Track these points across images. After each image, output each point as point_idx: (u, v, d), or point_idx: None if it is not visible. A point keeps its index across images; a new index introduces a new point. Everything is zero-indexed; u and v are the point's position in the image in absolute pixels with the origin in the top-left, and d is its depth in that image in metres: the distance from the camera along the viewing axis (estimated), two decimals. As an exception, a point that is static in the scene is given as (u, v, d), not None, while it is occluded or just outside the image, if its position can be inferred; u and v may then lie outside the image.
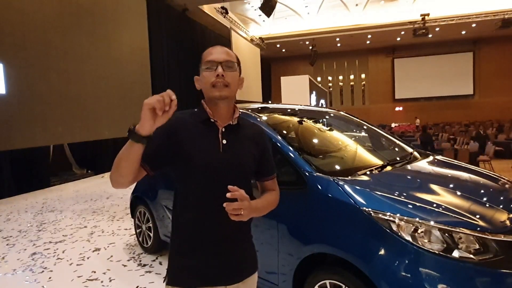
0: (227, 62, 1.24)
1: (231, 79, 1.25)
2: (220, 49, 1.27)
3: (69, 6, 7.74)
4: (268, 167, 1.40)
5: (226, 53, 1.26)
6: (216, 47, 1.28)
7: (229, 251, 1.27)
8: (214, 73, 1.22)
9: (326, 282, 1.99)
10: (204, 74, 1.25)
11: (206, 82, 1.24)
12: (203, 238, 1.24)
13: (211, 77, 1.23)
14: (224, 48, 1.29)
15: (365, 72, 24.96)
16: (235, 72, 1.27)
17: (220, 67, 1.22)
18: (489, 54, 22.24)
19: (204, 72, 1.25)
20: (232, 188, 1.13)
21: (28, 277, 3.35)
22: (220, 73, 1.22)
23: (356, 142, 3.02)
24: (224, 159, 1.24)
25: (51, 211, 5.87)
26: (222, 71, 1.22)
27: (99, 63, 8.60)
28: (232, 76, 1.25)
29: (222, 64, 1.23)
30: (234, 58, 1.29)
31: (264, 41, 19.24)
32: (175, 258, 1.30)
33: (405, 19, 16.90)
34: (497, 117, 20.91)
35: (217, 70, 1.22)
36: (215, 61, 1.23)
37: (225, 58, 1.24)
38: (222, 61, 1.23)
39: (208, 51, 1.28)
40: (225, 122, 1.29)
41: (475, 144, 9.32)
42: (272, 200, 1.39)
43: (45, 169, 8.38)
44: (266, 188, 1.42)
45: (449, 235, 1.72)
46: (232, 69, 1.25)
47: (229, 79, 1.24)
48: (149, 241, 3.75)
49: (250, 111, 2.72)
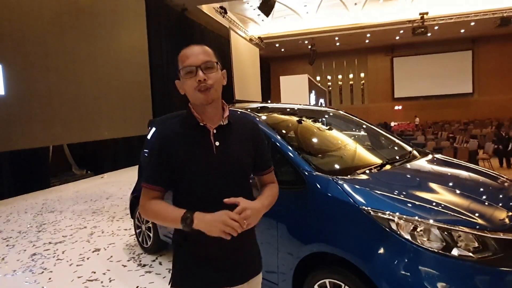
0: (206, 63, 1.19)
1: (214, 80, 1.21)
2: (195, 49, 1.21)
3: (68, 6, 7.73)
4: (264, 161, 1.37)
5: (203, 53, 1.21)
6: (191, 47, 1.23)
7: (233, 252, 1.26)
8: (196, 78, 1.18)
9: (325, 281, 1.99)
10: (185, 81, 1.21)
11: (189, 88, 1.21)
12: (206, 241, 1.21)
13: (193, 83, 1.19)
14: (200, 47, 1.23)
15: (364, 71, 24.96)
16: (216, 72, 1.22)
17: (200, 72, 1.18)
18: (488, 52, 22.25)
19: (184, 79, 1.21)
20: (228, 200, 1.15)
21: (28, 278, 3.35)
22: (201, 78, 1.17)
23: (355, 141, 3.02)
24: (220, 162, 1.22)
25: (51, 212, 5.87)
26: (203, 75, 1.18)
27: (98, 64, 8.60)
28: (214, 76, 1.21)
29: (201, 67, 1.18)
30: (212, 55, 1.23)
31: (263, 40, 19.24)
32: (179, 260, 1.29)
33: (404, 18, 16.90)
34: (496, 115, 20.90)
35: (198, 75, 1.18)
36: (193, 65, 1.18)
37: (203, 60, 1.19)
38: (200, 64, 1.18)
39: (184, 53, 1.22)
40: (215, 124, 1.25)
41: (474, 143, 9.32)
42: (275, 194, 1.37)
43: (45, 170, 8.37)
44: (264, 182, 1.40)
45: (448, 233, 1.72)
46: (213, 69, 1.21)
47: (211, 80, 1.20)
48: (149, 241, 3.75)
49: (249, 111, 2.73)
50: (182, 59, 1.22)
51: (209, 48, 1.25)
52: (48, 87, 7.23)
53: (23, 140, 6.81)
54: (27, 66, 6.78)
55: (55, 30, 7.36)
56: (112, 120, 9.16)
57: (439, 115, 22.80)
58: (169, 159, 1.22)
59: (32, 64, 6.88)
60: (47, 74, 7.20)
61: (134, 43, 10.11)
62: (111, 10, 9.25)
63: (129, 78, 9.74)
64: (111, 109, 9.08)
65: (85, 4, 8.24)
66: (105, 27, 8.91)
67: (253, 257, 1.36)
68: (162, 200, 1.26)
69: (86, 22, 8.19)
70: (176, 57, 1.27)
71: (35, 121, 6.98)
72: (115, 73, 9.18)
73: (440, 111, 23.10)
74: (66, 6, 7.70)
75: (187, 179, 1.22)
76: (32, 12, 6.88)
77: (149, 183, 1.25)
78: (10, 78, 6.48)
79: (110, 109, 9.06)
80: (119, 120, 9.39)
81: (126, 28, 9.78)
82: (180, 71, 1.22)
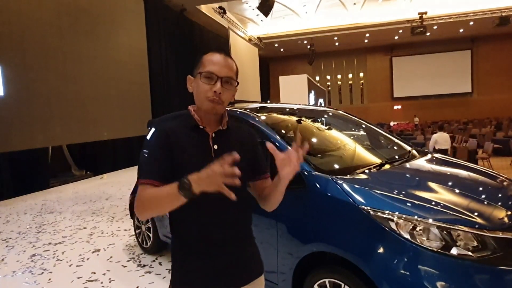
0: (227, 79, 1.21)
1: (227, 97, 1.22)
2: (223, 61, 1.22)
3: (67, 7, 7.73)
4: (261, 166, 1.37)
5: (228, 67, 1.22)
6: (219, 55, 1.23)
7: (232, 253, 1.25)
8: (212, 87, 1.18)
9: (325, 281, 1.99)
10: (200, 84, 1.20)
11: (201, 92, 1.21)
12: (204, 243, 1.21)
13: (207, 91, 1.19)
14: (228, 59, 1.24)
15: (363, 71, 24.99)
16: (232, 90, 1.24)
17: (219, 84, 1.18)
18: (487, 52, 22.29)
19: (201, 82, 1.20)
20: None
21: (27, 279, 3.35)
22: (218, 90, 1.18)
23: (355, 141, 3.02)
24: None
25: (50, 213, 5.87)
26: (221, 87, 1.18)
27: (98, 64, 8.60)
28: (229, 94, 1.22)
29: (222, 80, 1.19)
30: (234, 71, 1.25)
31: (262, 40, 19.24)
32: (178, 263, 1.27)
33: (403, 18, 16.93)
34: (496, 114, 20.96)
35: (216, 85, 1.18)
36: (216, 75, 1.19)
37: (226, 74, 1.20)
38: (223, 76, 1.19)
39: (211, 58, 1.22)
40: (214, 128, 1.26)
41: (474, 142, 9.33)
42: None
43: (44, 171, 8.36)
44: (261, 188, 1.37)
45: (448, 232, 1.72)
46: (231, 87, 1.22)
47: (224, 97, 1.21)
48: (149, 242, 3.75)
49: (248, 111, 2.73)
50: (206, 62, 1.21)
51: (234, 64, 1.27)
52: (47, 88, 7.23)
53: (22, 140, 6.81)
54: (26, 66, 6.78)
55: (54, 30, 7.36)
56: (111, 120, 9.17)
57: (438, 114, 22.84)
58: (168, 155, 1.20)
59: (31, 64, 6.87)
60: (47, 75, 7.20)
61: (133, 43, 10.12)
62: (110, 11, 9.26)
63: (128, 79, 9.74)
64: (110, 110, 9.08)
65: (84, 5, 8.24)
66: (104, 27, 8.91)
67: (254, 259, 1.34)
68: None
69: (85, 22, 8.20)
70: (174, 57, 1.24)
71: (35, 122, 6.98)
72: (114, 74, 9.18)
73: (439, 110, 23.14)
74: (65, 6, 7.70)
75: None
76: (32, 13, 6.88)
77: (146, 178, 1.19)
78: (9, 78, 6.48)
79: (109, 110, 9.06)
80: (118, 120, 9.39)
81: (125, 28, 9.78)
82: (199, 72, 1.21)
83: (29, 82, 6.84)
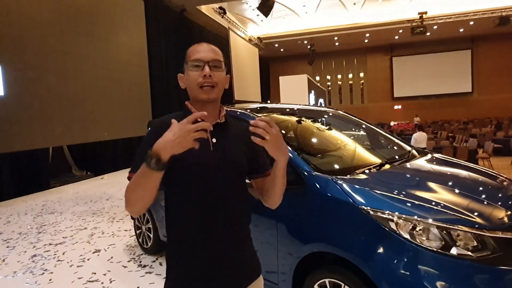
0: (214, 61, 1.21)
1: (218, 79, 1.21)
2: (206, 46, 1.23)
3: (67, 7, 7.73)
4: (262, 163, 1.34)
5: (213, 52, 1.23)
6: (202, 44, 1.24)
7: (230, 256, 1.21)
8: (201, 73, 1.19)
9: (325, 281, 2.00)
10: (190, 73, 1.21)
11: (192, 82, 1.21)
12: (201, 245, 1.17)
13: (197, 77, 1.19)
14: (211, 45, 1.25)
15: (363, 70, 24.97)
16: (222, 72, 1.23)
17: (207, 67, 1.19)
18: (487, 51, 22.27)
19: (190, 71, 1.21)
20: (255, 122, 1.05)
21: (28, 279, 3.36)
22: (207, 73, 1.18)
23: (355, 141, 3.02)
24: (216, 158, 1.20)
25: (51, 213, 5.87)
26: (209, 71, 1.19)
27: (98, 65, 8.60)
28: (219, 76, 1.22)
29: (209, 64, 1.19)
30: (221, 56, 1.25)
31: (262, 41, 19.23)
32: (174, 267, 1.23)
33: (403, 18, 16.91)
34: (496, 114, 20.93)
35: (204, 69, 1.18)
36: (202, 60, 1.19)
37: (212, 57, 1.21)
38: (209, 60, 1.20)
39: (194, 48, 1.23)
40: (212, 121, 1.23)
41: (474, 142, 9.33)
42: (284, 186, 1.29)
43: (45, 171, 8.36)
44: (262, 187, 1.35)
45: (447, 232, 1.73)
46: (220, 69, 1.22)
47: (216, 79, 1.20)
48: (149, 242, 3.75)
49: (248, 111, 2.73)
50: (191, 53, 1.23)
51: (219, 49, 1.27)
52: (47, 88, 7.23)
53: (22, 141, 6.81)
54: (26, 67, 6.78)
55: (54, 31, 7.37)
56: (111, 121, 9.17)
57: (438, 114, 22.82)
58: None
59: (31, 65, 6.88)
60: (47, 75, 7.20)
61: (133, 43, 10.12)
62: (110, 11, 9.26)
63: (128, 79, 9.74)
64: (110, 110, 9.08)
65: (84, 5, 8.25)
66: (104, 28, 8.91)
67: (251, 260, 1.31)
68: None
69: (85, 23, 8.20)
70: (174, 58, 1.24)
71: (35, 122, 6.98)
72: (114, 74, 9.18)
73: (439, 110, 23.11)
74: (65, 7, 7.71)
75: (182, 173, 1.18)
76: (32, 13, 6.88)
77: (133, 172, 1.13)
78: (9, 79, 6.48)
79: (110, 110, 9.07)
80: (118, 121, 9.40)
81: (125, 28, 9.78)
82: (186, 65, 1.23)
83: (29, 82, 6.84)
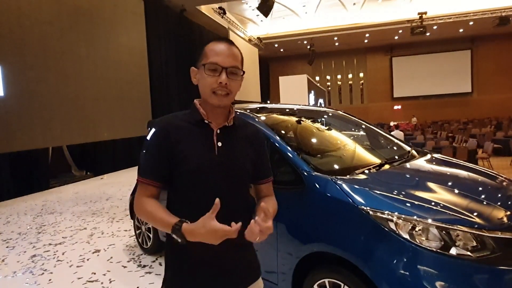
0: (233, 69, 1.15)
1: (234, 88, 1.16)
2: (227, 50, 1.15)
3: (66, 7, 7.73)
4: (264, 169, 1.32)
5: (233, 56, 1.16)
6: (222, 44, 1.17)
7: (230, 258, 1.20)
8: (217, 79, 1.13)
9: (325, 281, 2.00)
10: (205, 76, 1.15)
11: (206, 85, 1.15)
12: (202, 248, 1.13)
13: (213, 83, 1.14)
14: (231, 47, 1.17)
15: (363, 71, 24.97)
16: (238, 80, 1.18)
17: (224, 74, 1.13)
18: (487, 51, 22.27)
19: (205, 74, 1.14)
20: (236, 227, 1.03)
21: (28, 279, 3.36)
22: (223, 81, 1.12)
23: (354, 141, 3.02)
24: (220, 163, 1.17)
25: (50, 213, 5.87)
26: (226, 78, 1.13)
27: (97, 65, 8.60)
28: (235, 84, 1.17)
29: (227, 71, 1.13)
30: (240, 60, 1.19)
31: (262, 41, 19.23)
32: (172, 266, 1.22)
33: (402, 18, 16.92)
34: (496, 114, 20.94)
35: (221, 76, 1.13)
36: (220, 65, 1.13)
37: (231, 64, 1.14)
38: (227, 67, 1.13)
39: (213, 49, 1.16)
40: (220, 124, 1.21)
41: (474, 142, 9.33)
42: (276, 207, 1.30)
43: (44, 171, 8.37)
44: (261, 192, 1.33)
45: (447, 232, 1.73)
46: (236, 77, 1.17)
47: (231, 87, 1.15)
48: (149, 242, 3.75)
49: (248, 111, 2.73)
50: (209, 52, 1.16)
51: (239, 52, 1.20)
52: (47, 88, 7.22)
53: (22, 141, 6.80)
54: (26, 67, 6.77)
55: (54, 31, 7.36)
56: (111, 121, 9.16)
57: (438, 114, 22.83)
58: (169, 151, 1.16)
59: (31, 65, 6.87)
60: (46, 75, 7.20)
61: (133, 43, 10.11)
62: (110, 11, 9.25)
63: (128, 79, 9.74)
64: (110, 110, 9.07)
65: (84, 5, 8.24)
66: (104, 28, 8.90)
67: (250, 262, 1.30)
68: (157, 201, 1.18)
69: (85, 23, 8.19)
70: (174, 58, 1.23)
71: (35, 122, 6.98)
72: (114, 74, 9.17)
73: (439, 110, 23.12)
74: (65, 7, 7.70)
75: (185, 176, 1.16)
76: (32, 13, 6.87)
77: (146, 178, 1.17)
78: (9, 79, 6.47)
79: (110, 110, 9.06)
80: (118, 121, 9.39)
81: (125, 28, 9.77)
82: (203, 64, 1.16)
83: (29, 82, 6.84)
